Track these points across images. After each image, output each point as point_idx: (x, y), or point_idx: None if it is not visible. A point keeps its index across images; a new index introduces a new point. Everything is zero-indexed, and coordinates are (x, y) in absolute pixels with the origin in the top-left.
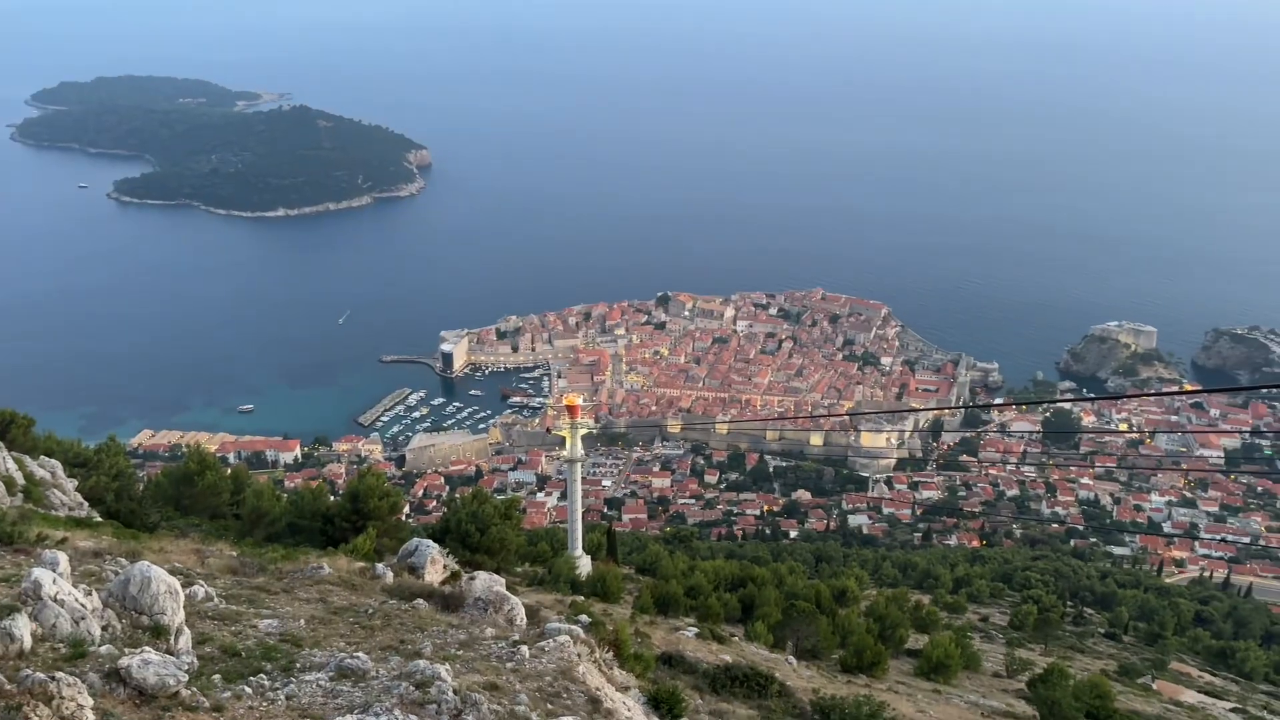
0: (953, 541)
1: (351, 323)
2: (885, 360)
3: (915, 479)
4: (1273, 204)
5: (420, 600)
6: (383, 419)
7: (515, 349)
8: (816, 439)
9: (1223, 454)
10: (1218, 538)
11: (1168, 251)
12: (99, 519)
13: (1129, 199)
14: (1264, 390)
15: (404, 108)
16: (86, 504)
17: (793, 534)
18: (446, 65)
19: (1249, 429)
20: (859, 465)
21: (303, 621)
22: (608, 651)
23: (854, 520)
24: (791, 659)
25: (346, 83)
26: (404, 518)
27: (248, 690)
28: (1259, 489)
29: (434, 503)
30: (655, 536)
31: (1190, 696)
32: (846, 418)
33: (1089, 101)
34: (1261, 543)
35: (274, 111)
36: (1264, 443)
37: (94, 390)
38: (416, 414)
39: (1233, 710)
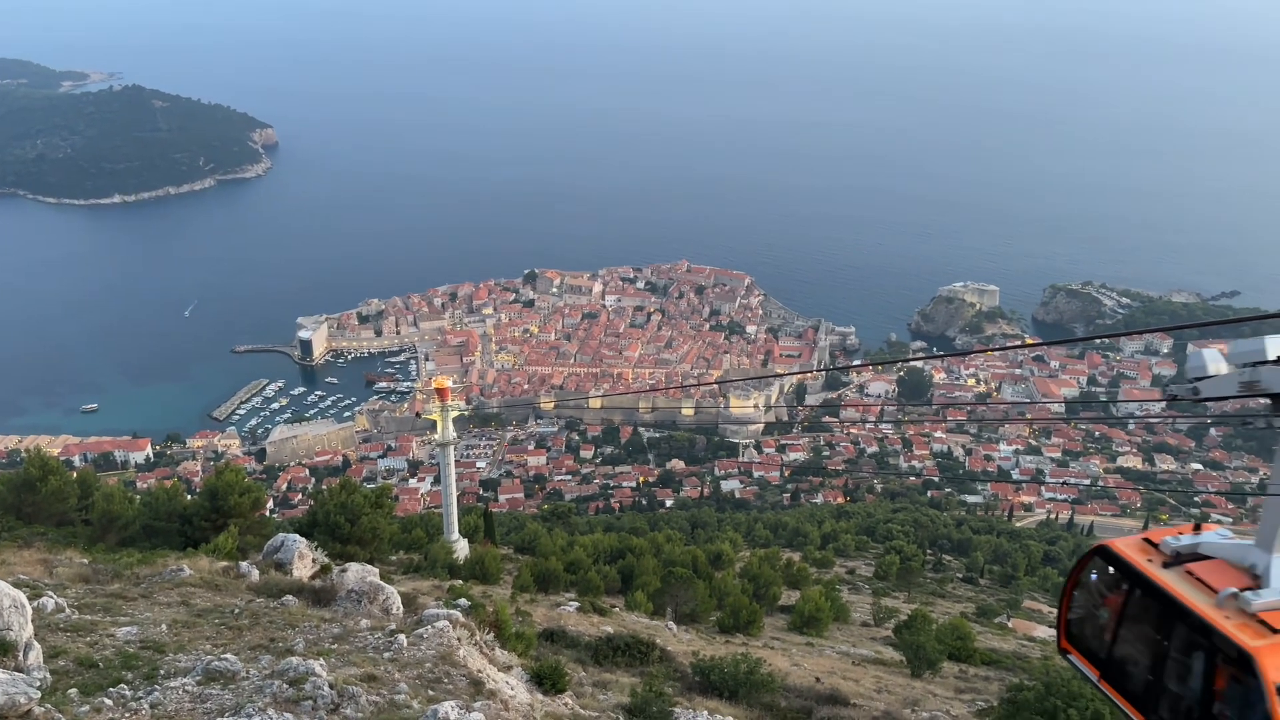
0: (819, 500)
1: (200, 313)
2: (750, 328)
3: (782, 442)
4: (1098, 168)
5: (289, 596)
6: (239, 412)
7: (379, 333)
8: (688, 409)
9: (1063, 402)
10: (1061, 481)
11: (1006, 214)
12: None
13: (968, 164)
14: (1098, 341)
15: (246, 85)
16: None
17: (668, 503)
18: (288, 40)
19: (1086, 378)
20: (729, 432)
21: (164, 626)
22: (488, 633)
23: (726, 485)
24: (671, 624)
25: (181, 60)
26: (268, 513)
27: (108, 702)
28: (1096, 434)
29: (300, 496)
30: (533, 515)
31: (1042, 632)
32: (716, 386)
33: (932, 75)
34: (1100, 484)
35: (104, 92)
36: (1099, 390)
37: None
38: (275, 405)
39: None
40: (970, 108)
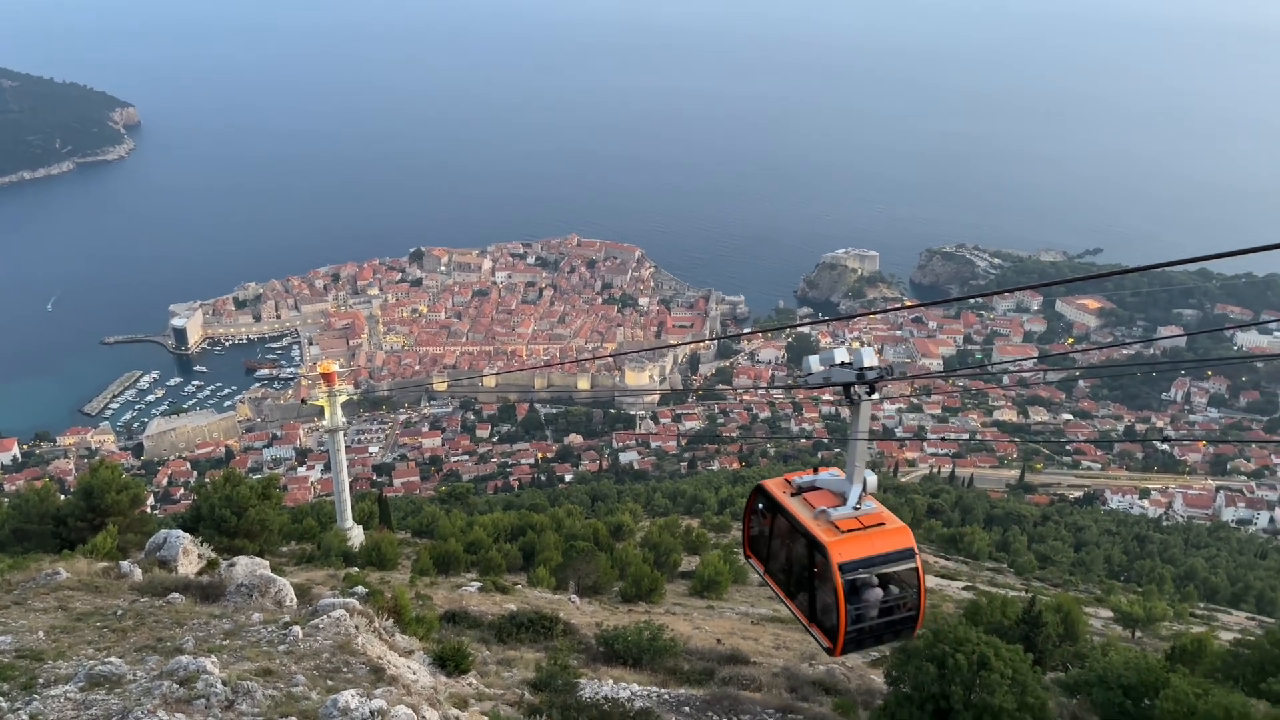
0: (715, 466)
1: (64, 304)
2: (643, 301)
3: (678, 411)
4: (966, 131)
5: (175, 594)
6: (112, 406)
7: (258, 318)
8: (584, 383)
9: (941, 361)
10: (940, 437)
11: (882, 180)
12: None
13: (842, 133)
14: (972, 300)
15: (102, 63)
16: None
17: (568, 477)
18: (144, 14)
19: (962, 336)
20: (626, 404)
21: (41, 633)
22: (387, 619)
23: (625, 457)
24: (574, 598)
25: (27, 37)
26: (149, 510)
27: None
28: (973, 390)
29: (182, 490)
30: (430, 498)
31: (929, 581)
32: (610, 359)
33: (804, 45)
34: (979, 438)
35: None
36: (975, 348)
37: None
38: (151, 397)
39: (964, 589)
40: (840, 75)
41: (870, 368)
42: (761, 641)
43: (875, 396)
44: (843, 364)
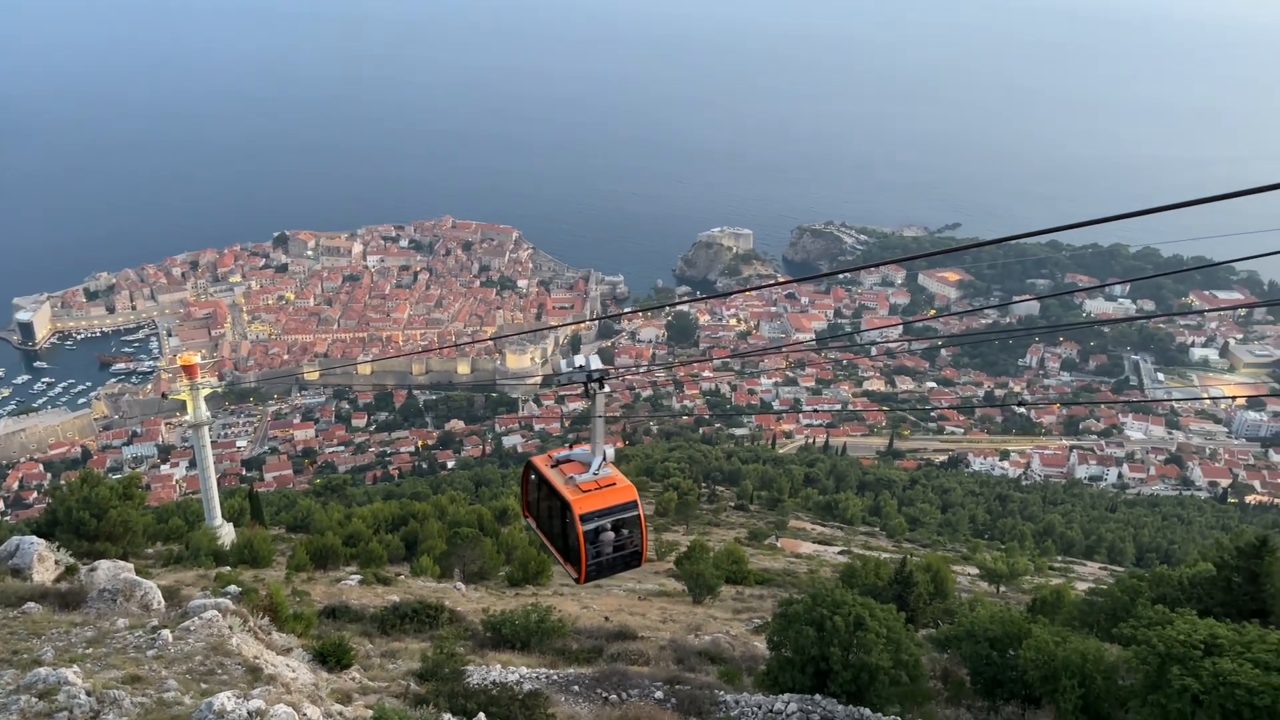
0: None
1: None
2: (521, 283)
3: (561, 393)
4: (837, 112)
5: (31, 604)
6: None
7: (111, 309)
8: (464, 367)
9: (814, 335)
10: (815, 409)
11: (753, 160)
12: None
13: (713, 113)
14: (841, 275)
15: None
16: None
17: (450, 464)
18: None
19: (833, 310)
20: (508, 388)
21: None
22: (263, 618)
23: (508, 441)
24: (460, 585)
25: None
26: None
27: None
28: (844, 362)
29: (34, 494)
30: (304, 491)
31: (807, 548)
32: (490, 342)
33: (673, 30)
34: (850, 407)
35: None
36: (844, 321)
37: None
38: None
39: (840, 553)
40: (709, 60)
41: (597, 369)
42: (649, 616)
43: (606, 390)
44: (579, 367)
